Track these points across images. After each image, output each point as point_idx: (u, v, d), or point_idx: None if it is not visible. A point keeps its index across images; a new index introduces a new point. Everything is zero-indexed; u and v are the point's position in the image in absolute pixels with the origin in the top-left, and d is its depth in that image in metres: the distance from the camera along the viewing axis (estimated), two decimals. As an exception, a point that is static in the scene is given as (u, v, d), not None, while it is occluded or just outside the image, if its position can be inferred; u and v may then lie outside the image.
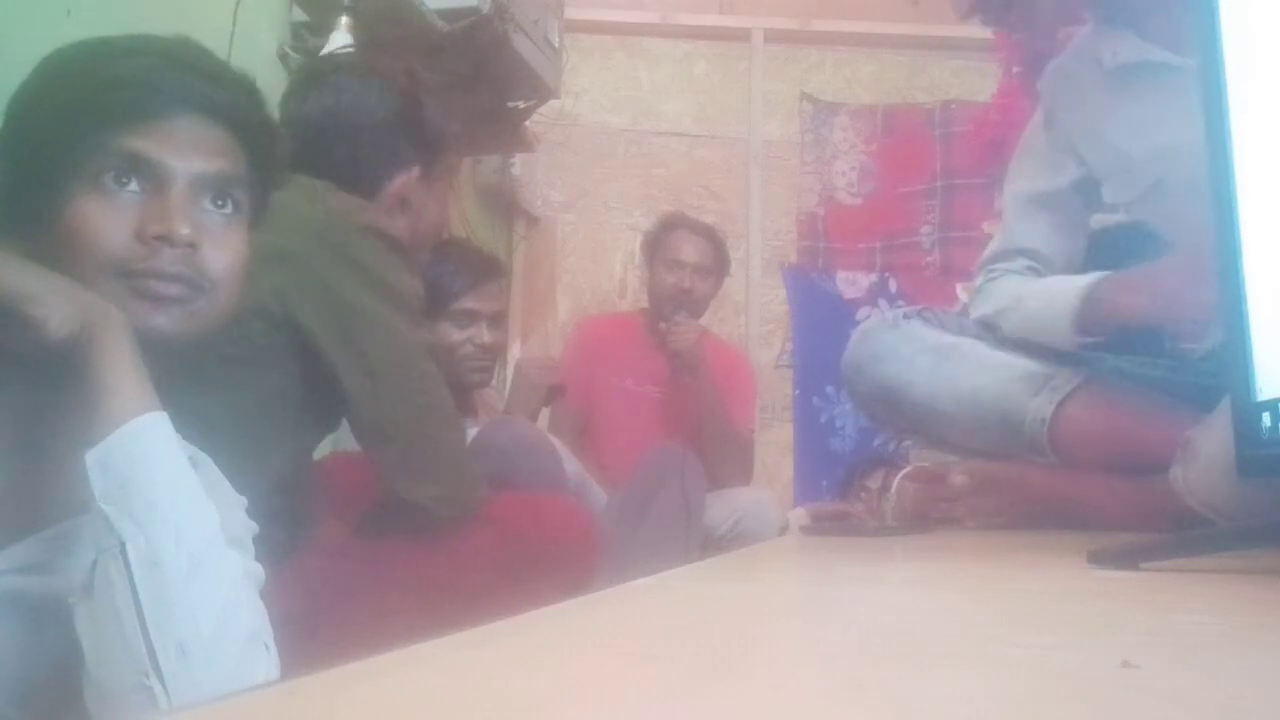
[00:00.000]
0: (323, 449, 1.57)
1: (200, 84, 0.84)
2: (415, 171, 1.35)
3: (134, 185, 0.80)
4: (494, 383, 2.18)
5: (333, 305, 1.14)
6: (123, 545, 0.69)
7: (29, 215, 0.81)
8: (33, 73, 0.84)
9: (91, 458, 0.71)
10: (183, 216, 0.80)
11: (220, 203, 0.85)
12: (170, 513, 0.71)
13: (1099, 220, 1.46)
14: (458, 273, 2.00)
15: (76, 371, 0.73)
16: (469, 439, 1.73)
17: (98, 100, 0.81)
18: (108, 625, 0.69)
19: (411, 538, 1.26)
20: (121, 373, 0.73)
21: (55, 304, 0.73)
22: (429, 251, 1.47)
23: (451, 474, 1.25)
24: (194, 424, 0.85)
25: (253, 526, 0.86)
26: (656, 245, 2.63)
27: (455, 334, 1.97)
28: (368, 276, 1.17)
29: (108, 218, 0.79)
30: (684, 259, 2.57)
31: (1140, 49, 1.23)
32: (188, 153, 0.82)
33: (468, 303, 1.97)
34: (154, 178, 0.81)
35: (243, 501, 0.88)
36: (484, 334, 1.98)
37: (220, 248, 0.84)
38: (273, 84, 1.38)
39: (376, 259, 1.19)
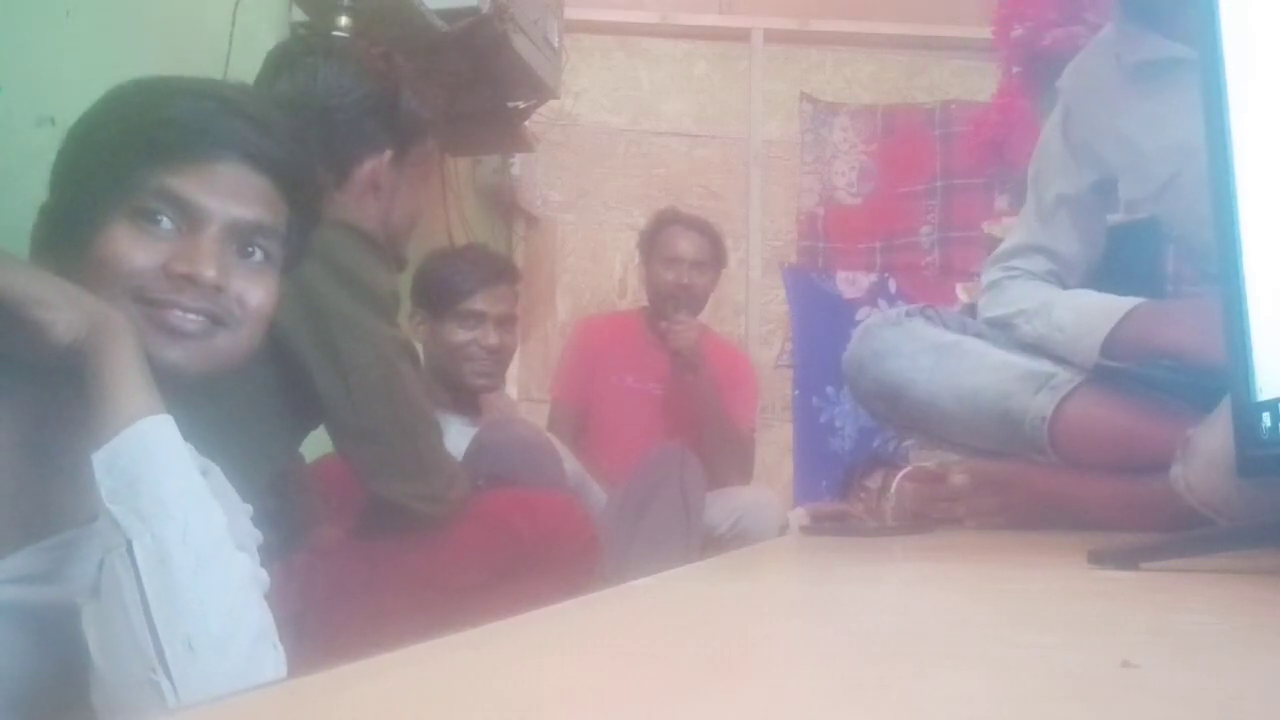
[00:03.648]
0: (317, 451, 1.57)
1: (250, 132, 0.85)
2: (387, 156, 1.33)
3: (168, 223, 0.81)
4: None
5: (305, 304, 1.13)
6: (129, 543, 0.69)
7: (66, 239, 0.82)
8: (94, 104, 0.85)
9: (98, 458, 0.71)
10: (211, 259, 0.81)
11: (250, 250, 0.86)
12: (177, 511, 0.71)
13: (1108, 219, 1.46)
14: (467, 273, 2.00)
15: (81, 376, 0.74)
16: (471, 440, 1.73)
17: (145, 137, 0.82)
18: (115, 624, 0.69)
19: (404, 538, 1.26)
20: (127, 376, 0.74)
21: (62, 308, 0.74)
22: (406, 244, 1.45)
23: (430, 472, 1.24)
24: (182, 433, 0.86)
25: (258, 535, 0.87)
26: (652, 243, 2.63)
27: (461, 334, 1.97)
28: (340, 274, 1.15)
29: (137, 249, 0.80)
30: (680, 255, 2.57)
31: (1161, 46, 1.23)
32: (226, 198, 0.83)
33: (475, 304, 1.97)
34: (189, 218, 0.82)
35: (248, 510, 0.88)
36: (490, 335, 1.97)
37: (246, 291, 0.84)
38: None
39: (349, 256, 1.17)
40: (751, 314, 3.38)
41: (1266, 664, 0.40)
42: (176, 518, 0.71)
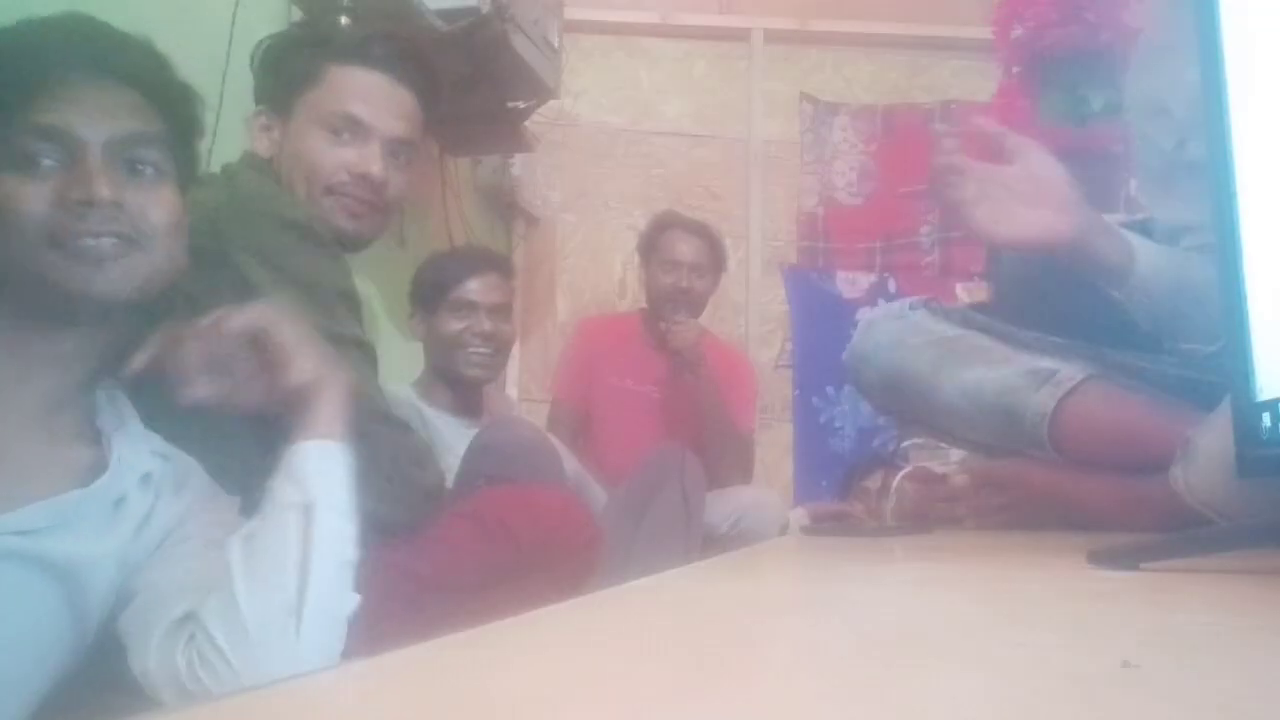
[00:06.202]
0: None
1: (99, 51, 0.86)
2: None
3: (49, 159, 0.82)
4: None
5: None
6: (311, 504, 0.84)
7: None
8: None
9: (308, 446, 0.87)
10: (101, 179, 0.82)
11: (139, 168, 0.87)
12: (341, 513, 0.87)
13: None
14: (458, 264, 2.02)
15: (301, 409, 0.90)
16: (471, 440, 1.73)
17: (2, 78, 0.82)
18: (271, 554, 0.82)
19: (400, 538, 1.25)
20: (341, 410, 0.90)
21: (306, 359, 0.89)
22: (386, 225, 1.41)
23: (393, 478, 1.20)
24: (176, 434, 0.92)
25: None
26: (652, 245, 2.63)
27: (455, 323, 1.97)
28: (280, 272, 1.12)
29: (28, 191, 0.81)
30: (680, 258, 2.57)
31: None
32: (96, 118, 0.84)
33: (467, 293, 1.98)
34: (67, 148, 0.82)
35: (235, 502, 0.93)
36: (484, 322, 1.98)
37: (147, 205, 0.86)
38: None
39: (287, 250, 1.14)
40: (751, 314, 3.37)
41: (1266, 664, 0.40)
42: (336, 513, 0.86)
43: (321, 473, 0.87)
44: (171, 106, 0.90)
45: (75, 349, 0.85)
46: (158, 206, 0.87)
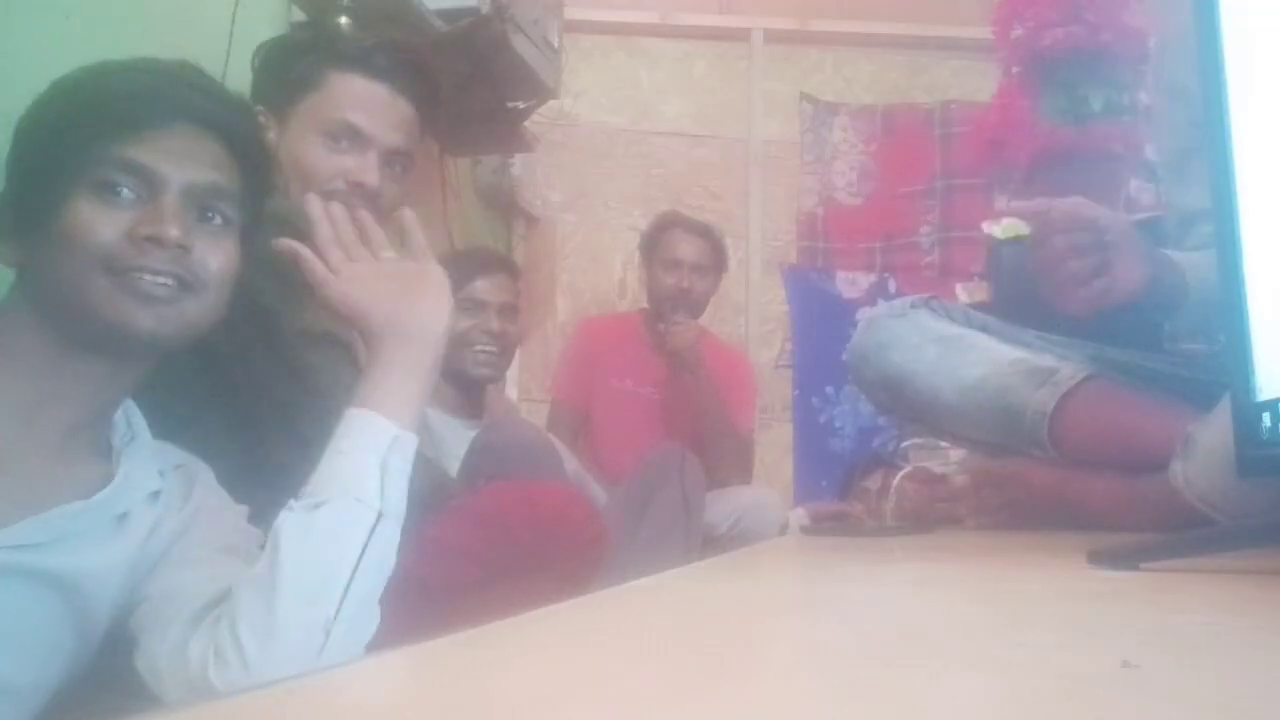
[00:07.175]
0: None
1: (198, 99, 0.88)
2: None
3: (129, 191, 0.84)
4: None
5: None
6: (380, 516, 0.83)
7: (29, 219, 0.84)
8: (42, 93, 0.87)
9: (398, 444, 0.86)
10: (174, 220, 0.84)
11: (209, 215, 0.88)
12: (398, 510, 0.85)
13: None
14: (466, 263, 2.03)
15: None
16: (471, 441, 1.73)
17: (97, 111, 0.84)
18: (321, 556, 0.80)
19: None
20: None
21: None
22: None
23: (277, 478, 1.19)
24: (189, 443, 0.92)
25: (259, 534, 0.89)
26: (653, 245, 2.63)
27: (463, 321, 1.98)
28: (257, 262, 1.11)
29: (101, 219, 0.82)
30: (681, 259, 2.57)
31: None
32: (182, 163, 0.86)
33: (476, 292, 2.00)
34: (148, 184, 0.84)
35: (244, 511, 0.92)
36: (493, 321, 1.99)
37: (209, 253, 0.87)
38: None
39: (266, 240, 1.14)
40: (751, 314, 3.37)
41: (1266, 664, 0.40)
42: (394, 521, 0.85)
43: (403, 473, 0.86)
44: (252, 164, 0.93)
45: (107, 375, 0.86)
46: (218, 256, 0.88)
